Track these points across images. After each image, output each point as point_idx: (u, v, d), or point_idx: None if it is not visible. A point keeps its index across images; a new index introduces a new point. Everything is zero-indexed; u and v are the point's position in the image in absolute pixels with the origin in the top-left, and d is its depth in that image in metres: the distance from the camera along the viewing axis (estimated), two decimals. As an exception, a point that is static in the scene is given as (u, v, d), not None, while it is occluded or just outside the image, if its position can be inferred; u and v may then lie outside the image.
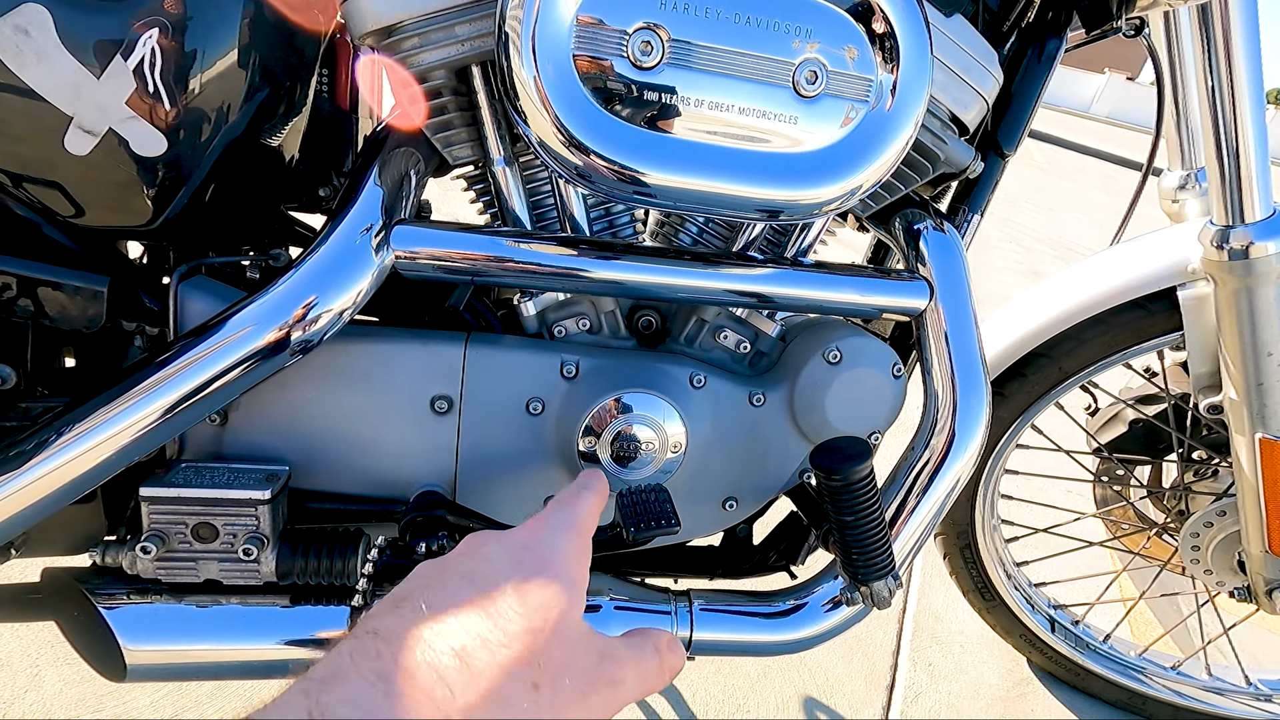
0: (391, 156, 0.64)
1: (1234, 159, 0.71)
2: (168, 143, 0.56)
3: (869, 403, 0.71)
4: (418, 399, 0.65)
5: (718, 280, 0.66)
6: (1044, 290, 0.95)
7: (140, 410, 0.55)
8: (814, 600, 0.71)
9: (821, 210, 0.60)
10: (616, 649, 0.35)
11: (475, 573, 0.34)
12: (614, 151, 0.55)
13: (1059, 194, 6.58)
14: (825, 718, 1.08)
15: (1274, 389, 0.79)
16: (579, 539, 0.39)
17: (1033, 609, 1.18)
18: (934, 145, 0.68)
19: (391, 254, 0.60)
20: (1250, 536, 0.90)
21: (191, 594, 0.62)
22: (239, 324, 0.56)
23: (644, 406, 0.66)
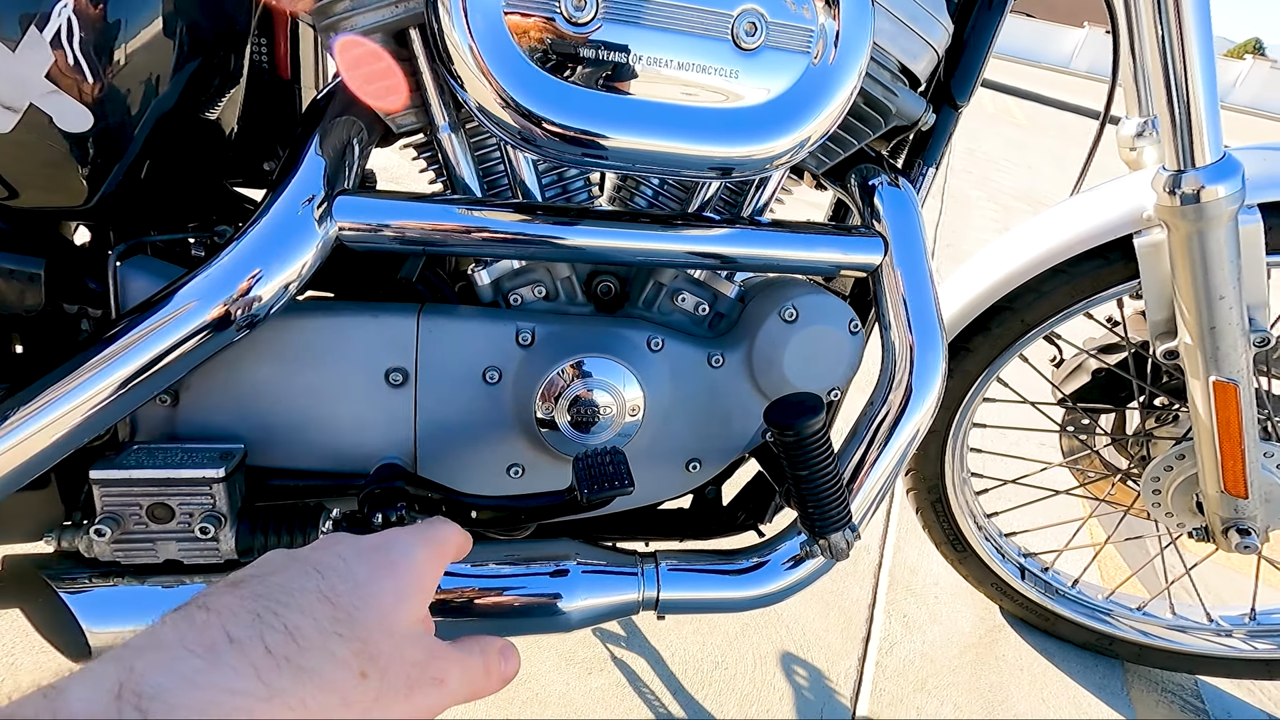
0: (333, 125, 0.63)
1: (1184, 103, 0.71)
2: (94, 117, 0.54)
3: (827, 360, 0.72)
4: (372, 372, 0.64)
5: (673, 242, 0.65)
6: (1004, 244, 0.95)
7: (85, 391, 0.54)
8: (777, 556, 0.72)
9: (772, 165, 0.59)
10: (446, 651, 0.36)
11: (322, 564, 0.34)
12: (555, 113, 0.55)
13: (1038, 151, 6.58)
14: (802, 671, 1.10)
15: (1226, 332, 0.80)
16: (435, 552, 0.39)
17: (1003, 558, 1.20)
18: (884, 97, 0.68)
19: (335, 225, 0.59)
20: (1206, 478, 0.92)
21: (154, 575, 0.62)
22: (183, 299, 0.55)
23: (600, 371, 0.66)
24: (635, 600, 0.72)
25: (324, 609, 0.32)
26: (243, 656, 0.28)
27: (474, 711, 0.96)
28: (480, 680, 0.38)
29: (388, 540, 0.38)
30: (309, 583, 0.33)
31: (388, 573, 0.35)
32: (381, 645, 0.33)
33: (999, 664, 1.19)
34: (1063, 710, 1.13)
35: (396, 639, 0.34)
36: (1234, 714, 1.19)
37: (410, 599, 0.35)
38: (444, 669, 0.35)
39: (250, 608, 0.30)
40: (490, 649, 0.39)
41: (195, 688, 0.26)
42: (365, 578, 0.34)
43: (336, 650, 0.31)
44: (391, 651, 0.33)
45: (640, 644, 1.09)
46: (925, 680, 1.13)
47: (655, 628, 1.12)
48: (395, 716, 0.32)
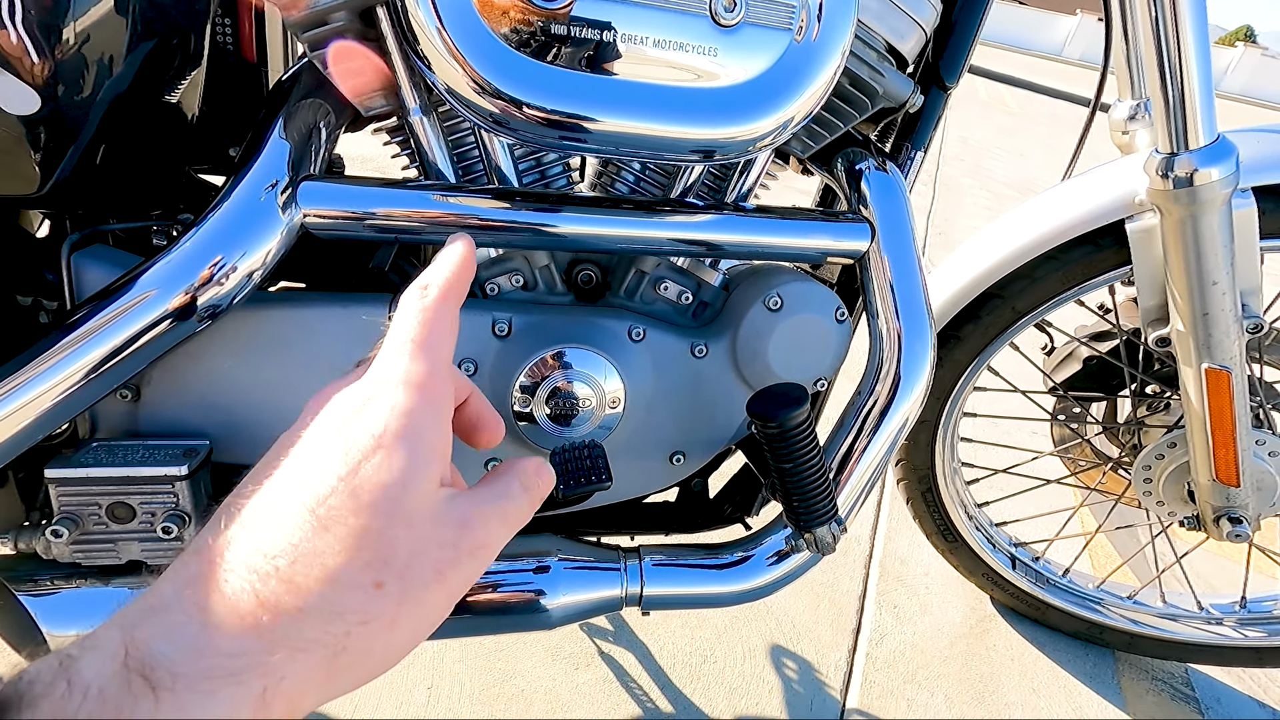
0: (298, 108, 0.60)
1: (1178, 84, 0.69)
2: (42, 99, 0.51)
3: (813, 349, 0.70)
4: (341, 365, 0.62)
5: (655, 229, 0.63)
6: (995, 230, 0.93)
7: (39, 385, 0.52)
8: (762, 550, 0.70)
9: (755, 147, 0.57)
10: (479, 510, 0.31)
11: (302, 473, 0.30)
12: (528, 94, 0.53)
13: (1031, 139, 6.57)
14: (792, 664, 1.09)
15: (1219, 319, 0.79)
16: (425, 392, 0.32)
17: (994, 548, 1.19)
18: (871, 78, 0.65)
19: (300, 212, 0.57)
20: (1198, 466, 0.91)
21: (117, 576, 0.60)
22: (142, 288, 0.53)
23: (580, 362, 0.64)
24: (618, 596, 0.70)
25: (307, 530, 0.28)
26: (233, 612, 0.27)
27: (460, 710, 0.95)
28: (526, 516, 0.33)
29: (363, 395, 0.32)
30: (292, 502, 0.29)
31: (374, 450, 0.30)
32: (395, 544, 0.29)
33: (990, 654, 1.18)
34: (1054, 699, 1.13)
35: (413, 527, 0.29)
36: (1224, 701, 1.18)
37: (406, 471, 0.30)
38: (482, 533, 0.31)
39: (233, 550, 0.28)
40: (526, 473, 0.34)
41: (198, 655, 0.26)
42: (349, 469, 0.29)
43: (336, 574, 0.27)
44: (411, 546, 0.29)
45: (628, 638, 1.08)
46: (916, 671, 1.13)
47: (643, 622, 1.10)
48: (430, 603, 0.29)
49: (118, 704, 0.24)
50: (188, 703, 0.25)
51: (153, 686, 0.25)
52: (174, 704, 0.25)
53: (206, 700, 0.25)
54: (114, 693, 0.24)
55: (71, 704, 0.24)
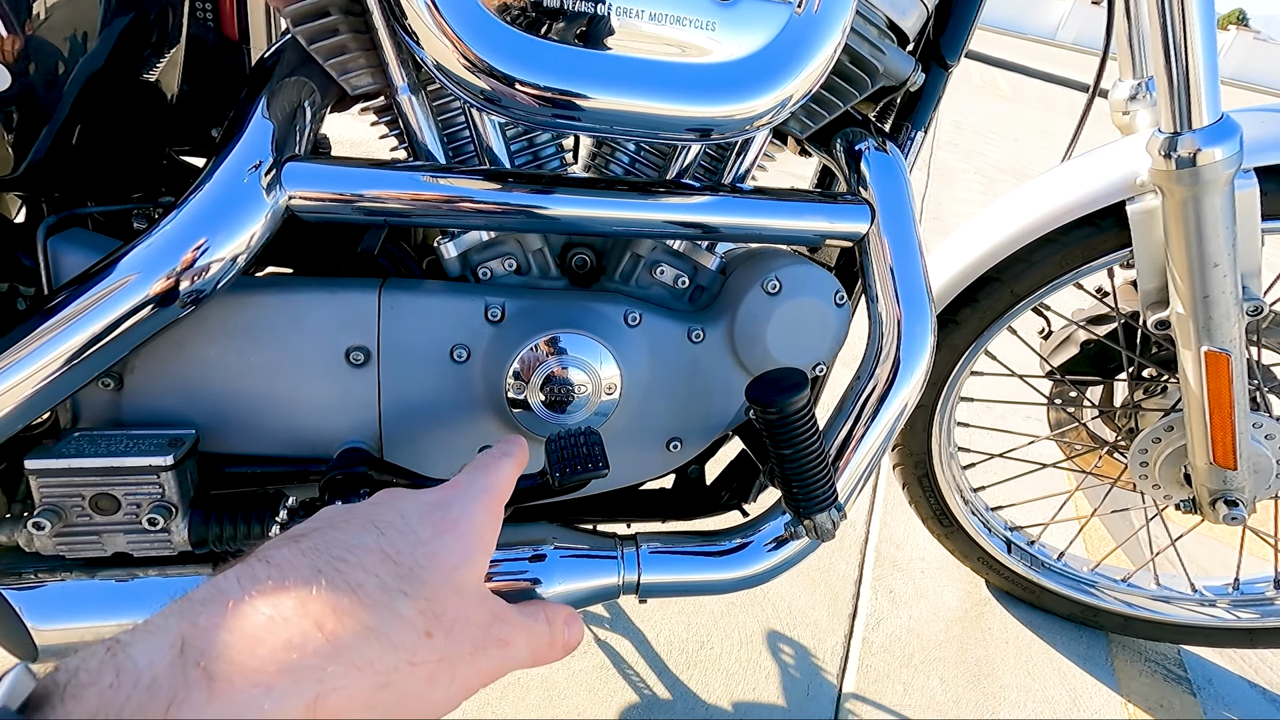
0: (281, 86, 0.58)
1: (1182, 62, 0.68)
2: (13, 76, 0.50)
3: (811, 333, 0.69)
4: (331, 351, 0.61)
5: (651, 210, 0.62)
6: (993, 213, 0.92)
7: (17, 372, 0.50)
8: (760, 537, 0.69)
9: (753, 125, 0.56)
10: (510, 614, 0.36)
11: (383, 521, 0.34)
12: (520, 70, 0.51)
13: (1025, 123, 6.55)
14: (789, 649, 1.09)
15: (1219, 301, 0.78)
16: (491, 506, 0.39)
17: (990, 532, 1.20)
18: (871, 55, 0.64)
19: (285, 194, 0.55)
20: (1195, 449, 0.90)
21: (103, 568, 0.59)
22: (122, 272, 0.51)
23: (575, 348, 0.63)
24: (615, 584, 0.69)
25: (387, 567, 0.31)
26: (308, 616, 0.27)
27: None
28: (544, 647, 0.38)
29: (447, 497, 0.37)
30: (369, 539, 0.32)
31: (450, 530, 0.35)
32: (447, 605, 0.32)
33: (985, 637, 1.19)
34: (1048, 682, 1.13)
35: (462, 598, 0.33)
36: (1215, 682, 1.19)
37: (474, 557, 0.35)
38: (509, 632, 0.35)
39: (311, 563, 0.30)
40: (556, 616, 0.39)
41: (259, 645, 0.26)
42: (427, 535, 0.34)
43: (401, 609, 0.30)
44: (457, 611, 0.33)
45: (624, 626, 1.07)
46: (912, 655, 1.13)
47: (639, 609, 1.10)
48: (460, 677, 0.32)
49: (170, 694, 0.24)
50: (242, 697, 0.25)
51: (210, 678, 0.24)
52: (229, 696, 0.24)
53: (261, 696, 0.25)
54: (167, 682, 0.24)
55: (120, 694, 0.23)
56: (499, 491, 0.40)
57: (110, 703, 0.23)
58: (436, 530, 0.34)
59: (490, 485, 0.40)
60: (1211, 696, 1.17)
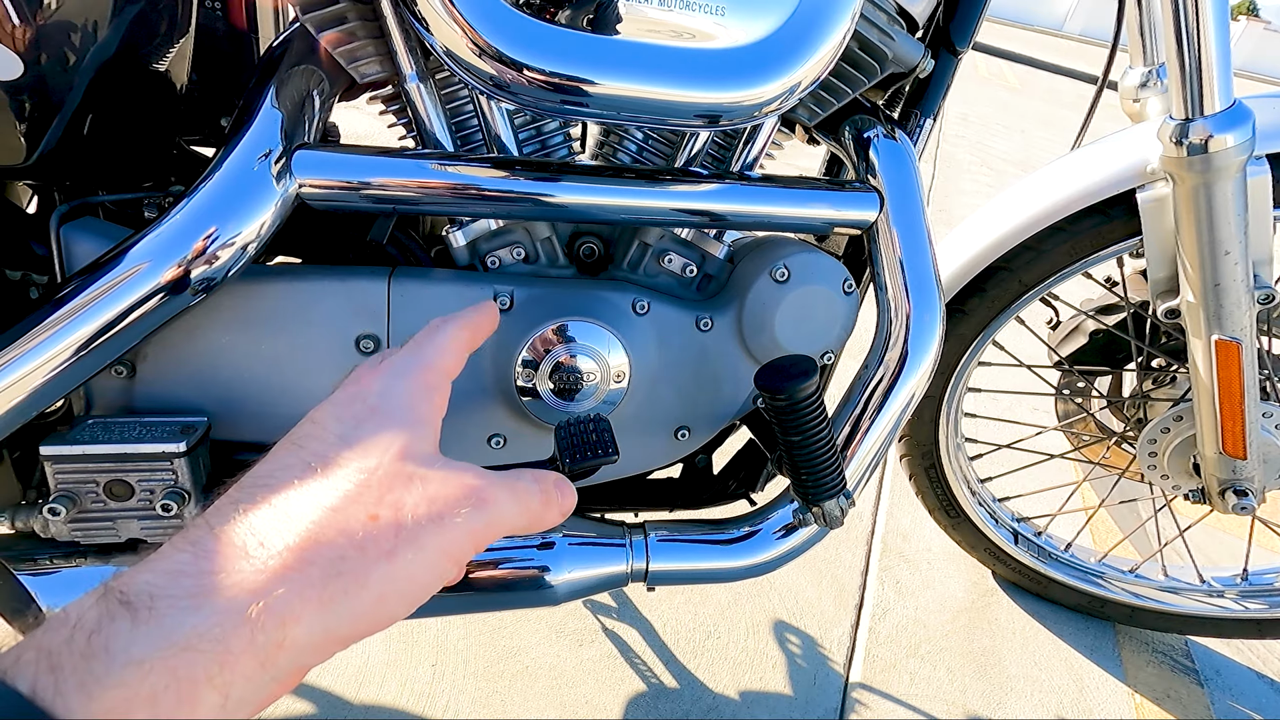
0: (290, 75, 0.59)
1: (1195, 47, 0.67)
2: (24, 65, 0.50)
3: (819, 321, 0.69)
4: (341, 340, 0.61)
5: (659, 198, 0.62)
6: (1002, 202, 0.92)
7: (31, 360, 0.50)
8: (769, 525, 0.70)
9: (761, 112, 0.56)
10: (487, 476, 0.34)
11: (300, 435, 0.34)
12: (529, 56, 0.51)
13: (1031, 115, 6.50)
14: (795, 639, 1.10)
15: (1230, 289, 0.78)
16: (423, 378, 0.38)
17: (997, 523, 1.19)
18: (880, 42, 0.64)
19: (295, 182, 0.55)
20: (1205, 439, 0.90)
21: (117, 554, 0.59)
22: (134, 260, 0.52)
23: (583, 336, 0.63)
24: (624, 572, 0.70)
25: (309, 475, 0.31)
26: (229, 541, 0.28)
27: (463, 685, 0.95)
28: (537, 505, 0.36)
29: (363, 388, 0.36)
30: (290, 458, 0.32)
31: (368, 418, 0.34)
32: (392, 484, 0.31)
33: (992, 628, 1.19)
34: (1055, 672, 1.13)
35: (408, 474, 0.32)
36: (1223, 673, 1.19)
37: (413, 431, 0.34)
38: (488, 491, 0.33)
39: (233, 497, 0.30)
40: (545, 477, 0.38)
41: (180, 575, 0.26)
42: (345, 430, 0.33)
43: (328, 501, 0.30)
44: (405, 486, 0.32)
45: (632, 615, 1.08)
46: (918, 645, 1.13)
47: (647, 598, 1.10)
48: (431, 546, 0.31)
49: (94, 628, 0.25)
50: (167, 618, 0.25)
51: (132, 608, 0.25)
52: (152, 621, 0.25)
53: (188, 614, 0.26)
54: (91, 619, 0.25)
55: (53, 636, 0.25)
56: (436, 363, 0.39)
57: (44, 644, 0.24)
58: (356, 422, 0.34)
59: (423, 359, 0.39)
60: (1219, 687, 1.17)
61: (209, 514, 0.30)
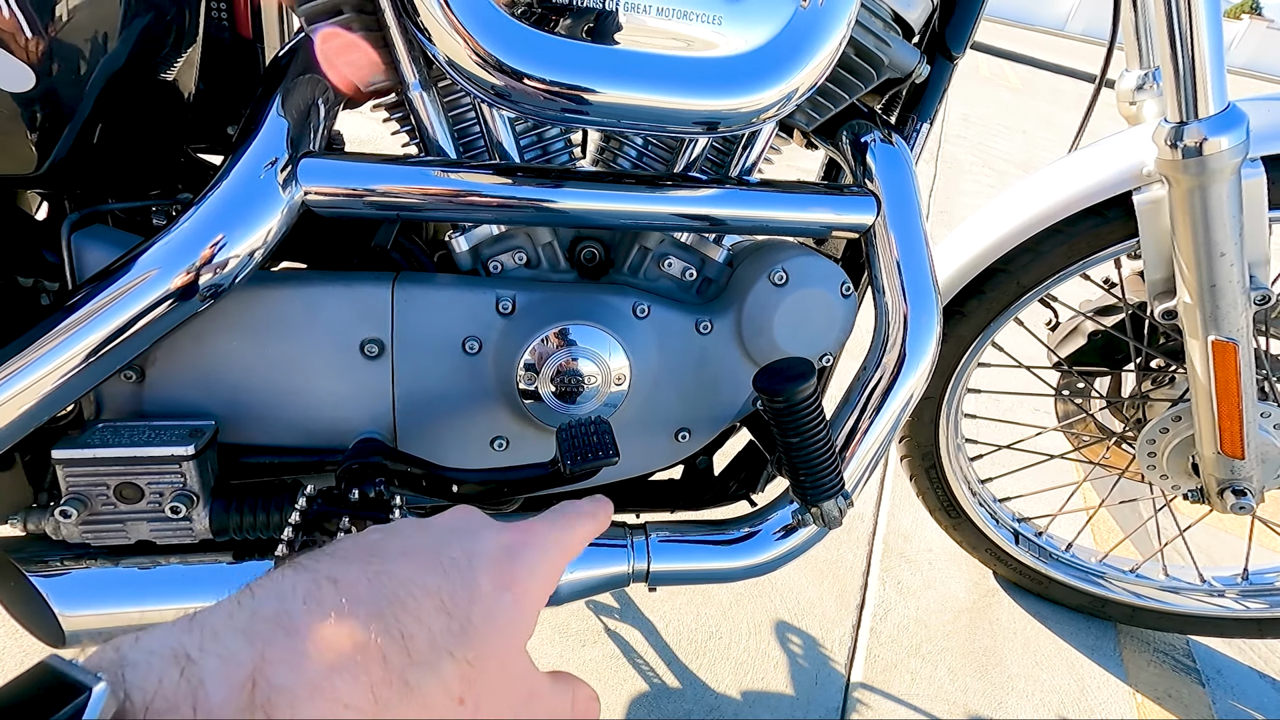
0: (296, 84, 0.60)
1: (1188, 51, 0.68)
2: (36, 76, 0.51)
3: (818, 324, 0.70)
4: (346, 344, 0.62)
5: (659, 203, 0.63)
6: (1000, 204, 0.93)
7: (43, 366, 0.52)
8: (768, 526, 0.70)
9: (759, 118, 0.57)
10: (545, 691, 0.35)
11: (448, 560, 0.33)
12: (530, 65, 0.52)
13: (1033, 115, 6.50)
14: (797, 639, 1.10)
15: (1226, 290, 0.78)
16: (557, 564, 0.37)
17: (997, 524, 1.20)
18: (876, 48, 0.64)
19: (301, 190, 0.56)
20: (1203, 439, 0.91)
21: (127, 556, 0.60)
22: (143, 268, 0.53)
23: (585, 339, 0.64)
24: (625, 572, 0.70)
25: (440, 620, 0.30)
26: (362, 667, 0.27)
27: (467, 686, 0.95)
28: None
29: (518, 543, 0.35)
30: (432, 580, 0.31)
31: (510, 588, 0.33)
32: (487, 673, 0.31)
33: (993, 628, 1.19)
34: (1056, 672, 1.14)
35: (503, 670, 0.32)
36: (1224, 672, 1.20)
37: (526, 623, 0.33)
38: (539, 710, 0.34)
39: (374, 597, 0.29)
40: (580, 695, 0.37)
41: (318, 696, 0.26)
42: (488, 590, 0.32)
43: (443, 669, 0.29)
44: (496, 683, 0.31)
45: (634, 615, 1.09)
46: (920, 645, 1.14)
47: (648, 599, 1.11)
48: None
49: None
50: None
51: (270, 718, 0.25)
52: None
53: None
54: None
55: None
56: (569, 550, 0.38)
57: None
58: (498, 585, 0.33)
59: (563, 542, 0.38)
60: (1220, 687, 1.17)
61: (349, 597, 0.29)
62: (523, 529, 0.37)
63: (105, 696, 0.22)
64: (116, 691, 0.23)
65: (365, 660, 0.28)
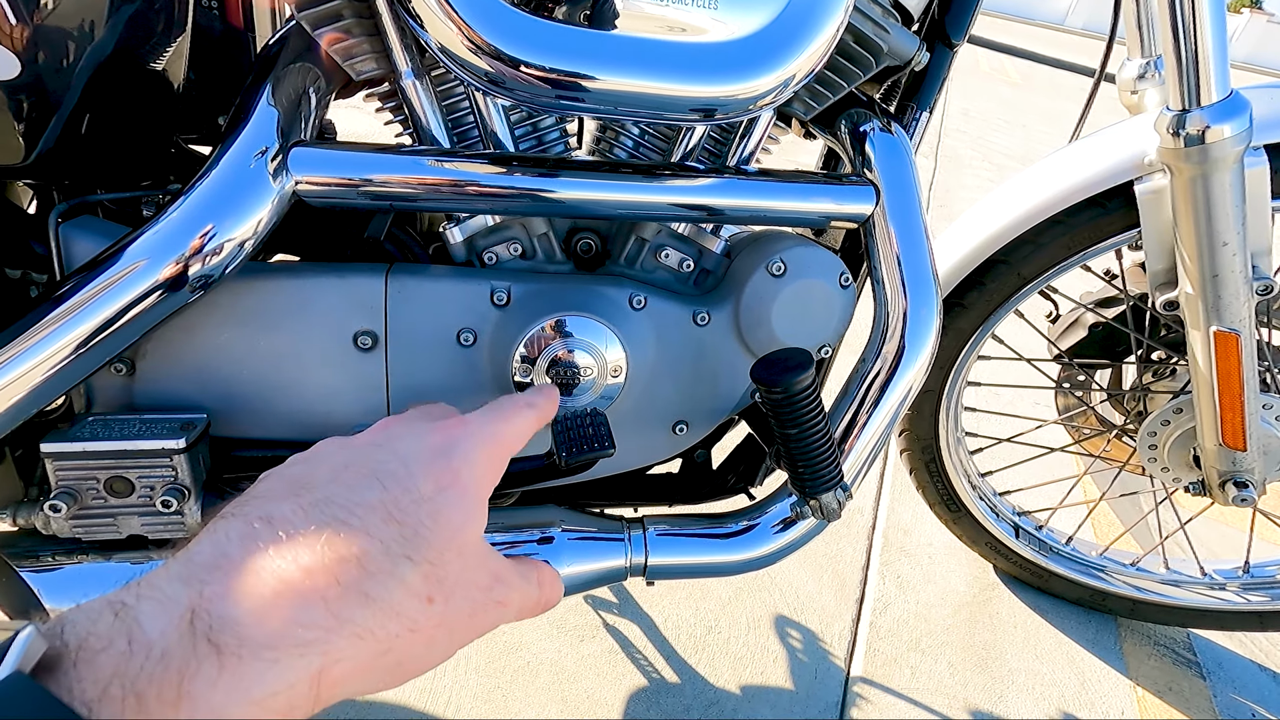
0: (286, 73, 0.59)
1: (1191, 37, 0.67)
2: (21, 64, 0.50)
3: (816, 314, 0.69)
4: (339, 336, 0.61)
5: (656, 193, 0.62)
6: (1000, 195, 0.92)
7: (31, 357, 0.51)
8: (767, 519, 0.70)
9: (756, 105, 0.56)
10: (509, 574, 0.35)
11: (385, 472, 0.33)
12: (523, 51, 0.51)
13: (1033, 110, 6.48)
14: (796, 634, 1.10)
15: (1228, 280, 0.78)
16: (496, 454, 0.37)
17: (998, 517, 1.19)
18: (875, 35, 0.64)
19: (292, 179, 0.55)
20: (1205, 431, 0.90)
21: (119, 550, 0.60)
22: (131, 258, 0.52)
23: (580, 331, 0.63)
24: (623, 566, 0.70)
25: (390, 528, 0.30)
26: (311, 587, 0.27)
27: (465, 681, 0.95)
28: (531, 605, 0.38)
29: (451, 440, 0.36)
30: (372, 494, 0.31)
31: (452, 485, 0.34)
32: (449, 568, 0.32)
33: (993, 622, 1.19)
34: (1057, 666, 1.13)
35: (464, 560, 0.33)
36: (1225, 666, 1.19)
37: (475, 514, 0.34)
38: (506, 594, 0.35)
39: (315, 525, 0.29)
40: (544, 576, 0.39)
41: (265, 620, 0.26)
42: (430, 491, 0.33)
43: (405, 575, 0.30)
44: (459, 574, 0.32)
45: (632, 610, 1.08)
46: (920, 639, 1.13)
47: (647, 594, 1.11)
48: (456, 636, 0.32)
49: (181, 666, 0.24)
50: (250, 670, 0.25)
51: (218, 650, 0.24)
52: (237, 670, 0.25)
53: (268, 669, 0.25)
54: (179, 655, 0.24)
55: (134, 663, 0.23)
56: (508, 440, 0.38)
57: (124, 671, 0.23)
58: (439, 484, 0.33)
59: (499, 433, 0.38)
60: (1222, 680, 1.16)
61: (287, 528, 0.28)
62: (452, 424, 0.37)
63: (31, 639, 0.22)
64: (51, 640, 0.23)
65: (314, 583, 0.27)
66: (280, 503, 0.30)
